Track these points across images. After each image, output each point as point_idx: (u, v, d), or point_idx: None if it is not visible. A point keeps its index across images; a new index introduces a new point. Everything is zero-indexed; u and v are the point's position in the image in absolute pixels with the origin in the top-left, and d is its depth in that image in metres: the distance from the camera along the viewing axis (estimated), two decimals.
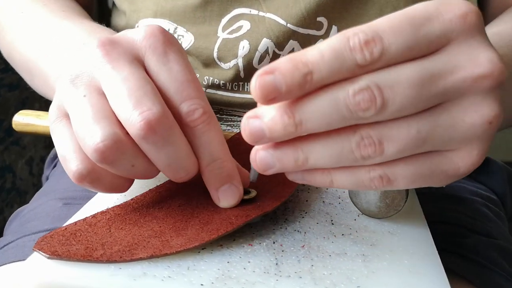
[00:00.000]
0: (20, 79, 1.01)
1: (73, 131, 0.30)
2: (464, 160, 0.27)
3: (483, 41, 0.26)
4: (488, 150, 0.27)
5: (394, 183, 0.27)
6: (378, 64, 0.25)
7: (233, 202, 0.33)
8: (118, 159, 0.29)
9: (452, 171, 0.27)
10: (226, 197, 0.33)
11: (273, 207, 0.33)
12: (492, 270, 0.44)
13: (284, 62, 0.25)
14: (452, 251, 0.44)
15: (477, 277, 0.43)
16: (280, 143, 0.28)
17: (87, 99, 0.30)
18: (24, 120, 0.47)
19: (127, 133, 0.29)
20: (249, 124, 0.27)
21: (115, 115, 0.30)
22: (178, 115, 0.30)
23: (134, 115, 0.28)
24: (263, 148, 0.28)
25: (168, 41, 0.32)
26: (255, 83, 0.25)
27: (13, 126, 0.47)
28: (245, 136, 0.27)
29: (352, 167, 0.27)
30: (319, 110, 0.25)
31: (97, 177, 0.31)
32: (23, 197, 1.07)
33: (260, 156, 0.28)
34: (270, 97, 0.25)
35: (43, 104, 1.11)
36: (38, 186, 1.11)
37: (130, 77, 0.29)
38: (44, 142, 1.14)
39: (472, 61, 0.25)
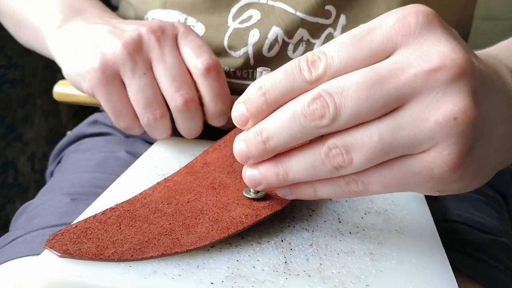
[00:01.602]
0: (23, 75, 1.01)
1: (128, 94, 0.43)
2: (435, 160, 0.26)
3: (436, 37, 0.26)
4: (467, 148, 0.26)
5: (368, 187, 0.28)
6: (325, 78, 0.27)
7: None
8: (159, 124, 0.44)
9: (425, 173, 0.27)
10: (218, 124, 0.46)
11: (282, 206, 0.33)
12: (496, 268, 0.44)
13: (247, 90, 0.29)
14: (456, 249, 0.45)
15: (482, 275, 0.43)
16: (264, 160, 0.30)
17: (147, 78, 0.42)
18: (66, 90, 0.49)
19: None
20: (236, 147, 0.30)
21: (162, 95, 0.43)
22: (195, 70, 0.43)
23: (177, 95, 0.42)
24: (251, 165, 0.31)
25: (188, 29, 0.46)
26: (233, 113, 0.30)
27: (54, 95, 0.52)
28: (237, 158, 0.31)
29: (331, 178, 0.29)
30: (281, 124, 0.28)
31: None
32: (25, 193, 1.07)
33: (248, 174, 0.31)
34: (243, 123, 0.30)
35: (45, 100, 1.10)
36: (40, 182, 1.11)
37: (175, 65, 0.43)
38: (46, 138, 1.13)
39: (421, 58, 0.25)
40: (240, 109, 0.29)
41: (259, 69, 0.31)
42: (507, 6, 1.34)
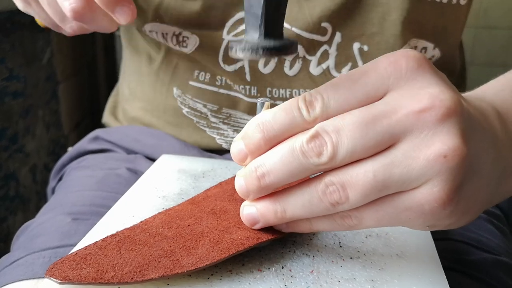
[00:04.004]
0: (24, 87, 1.01)
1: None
2: (425, 197, 0.27)
3: (425, 80, 0.27)
4: (456, 185, 0.27)
5: (362, 221, 0.29)
6: (322, 118, 0.28)
7: (130, 17, 0.41)
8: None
9: (416, 208, 0.28)
10: (123, 15, 0.41)
11: (283, 234, 0.33)
12: None
13: (246, 127, 0.30)
14: (458, 269, 0.44)
15: None
16: (262, 197, 0.31)
17: None
18: None
19: None
20: (236, 183, 0.31)
21: None
22: None
23: (65, 4, 0.40)
24: (249, 202, 0.31)
25: None
26: (231, 149, 0.30)
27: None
28: (238, 193, 0.31)
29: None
30: (279, 160, 0.28)
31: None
32: (27, 205, 1.07)
33: (246, 212, 0.32)
34: (242, 159, 0.30)
35: (46, 111, 1.11)
36: (41, 193, 1.11)
37: None
38: (48, 149, 1.14)
39: (412, 99, 0.27)
40: (238, 146, 0.30)
41: (260, 100, 0.31)
42: (506, 16, 1.34)
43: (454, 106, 0.26)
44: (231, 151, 0.31)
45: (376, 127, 0.26)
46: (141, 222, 0.35)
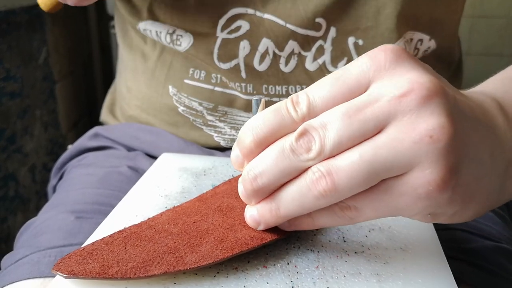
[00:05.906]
0: (21, 87, 1.01)
1: None
2: (418, 180, 0.27)
3: (405, 68, 0.28)
4: (449, 167, 0.26)
5: (361, 212, 0.29)
6: (310, 116, 0.29)
7: None
8: None
9: (412, 193, 0.27)
10: None
11: (287, 234, 0.33)
12: (503, 277, 0.44)
13: (240, 131, 0.31)
14: (459, 258, 0.45)
15: (487, 285, 0.43)
16: (263, 198, 0.31)
17: None
18: None
19: None
20: (238, 189, 0.32)
21: None
22: None
23: None
24: (252, 205, 0.32)
25: None
26: (231, 157, 0.32)
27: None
28: (243, 201, 0.32)
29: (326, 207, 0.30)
30: (270, 160, 0.29)
31: None
32: (27, 205, 1.07)
33: (249, 215, 0.32)
34: (240, 165, 0.31)
35: (44, 111, 1.10)
36: (41, 193, 1.11)
37: None
38: (46, 149, 1.13)
39: (393, 86, 0.27)
40: (235, 152, 0.31)
41: (254, 98, 0.32)
42: (502, 4, 1.35)
43: (434, 87, 0.27)
44: (231, 159, 0.32)
45: (360, 116, 0.27)
46: (148, 219, 0.35)
